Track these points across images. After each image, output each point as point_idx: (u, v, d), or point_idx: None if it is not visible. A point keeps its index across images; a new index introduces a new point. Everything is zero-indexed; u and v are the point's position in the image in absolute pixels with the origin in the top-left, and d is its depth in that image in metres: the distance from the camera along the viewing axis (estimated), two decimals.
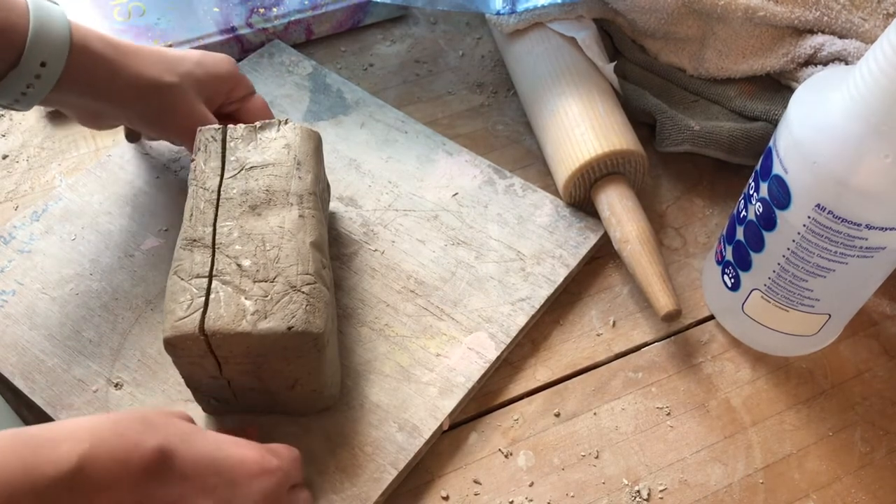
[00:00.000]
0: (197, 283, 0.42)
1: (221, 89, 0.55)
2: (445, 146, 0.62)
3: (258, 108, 0.57)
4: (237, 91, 0.56)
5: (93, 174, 0.59)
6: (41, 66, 0.46)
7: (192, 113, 0.52)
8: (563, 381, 0.52)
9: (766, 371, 0.53)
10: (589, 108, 0.58)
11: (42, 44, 0.46)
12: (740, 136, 0.60)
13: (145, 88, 0.50)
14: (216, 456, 0.37)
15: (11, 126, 0.64)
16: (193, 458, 0.36)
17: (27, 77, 0.46)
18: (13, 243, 0.55)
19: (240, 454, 0.38)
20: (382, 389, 0.49)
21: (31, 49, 0.45)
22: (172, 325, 0.41)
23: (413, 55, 0.71)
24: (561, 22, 0.63)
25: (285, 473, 0.40)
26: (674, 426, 0.51)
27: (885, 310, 0.57)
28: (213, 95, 0.54)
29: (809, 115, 0.43)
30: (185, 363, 0.43)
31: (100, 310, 0.52)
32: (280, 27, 0.69)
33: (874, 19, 0.61)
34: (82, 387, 0.49)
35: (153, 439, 0.35)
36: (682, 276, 0.58)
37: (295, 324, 0.41)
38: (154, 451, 0.34)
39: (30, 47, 0.45)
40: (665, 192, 0.63)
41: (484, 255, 0.56)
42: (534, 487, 0.48)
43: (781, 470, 0.49)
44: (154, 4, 0.69)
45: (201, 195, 0.46)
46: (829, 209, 0.43)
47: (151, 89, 0.51)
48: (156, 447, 0.34)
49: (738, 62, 0.62)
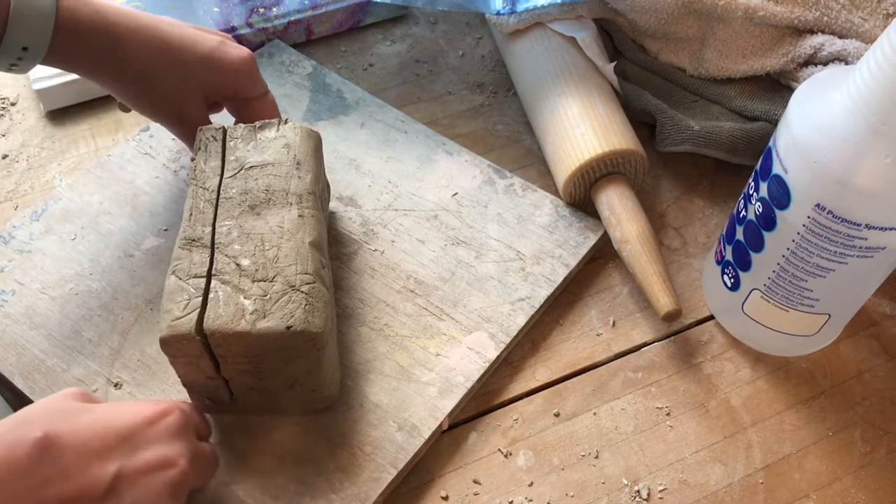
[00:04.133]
0: (195, 283, 0.42)
1: (227, 82, 0.52)
2: (445, 146, 0.62)
3: (264, 110, 0.54)
4: (248, 89, 0.53)
5: (92, 174, 0.59)
6: (23, 50, 0.46)
7: (180, 109, 0.51)
8: (562, 380, 0.52)
9: (766, 371, 0.53)
10: (589, 108, 0.58)
11: (24, 27, 0.45)
12: (740, 136, 0.59)
13: (132, 76, 0.50)
14: (107, 421, 0.38)
15: (11, 126, 0.64)
16: (83, 432, 0.37)
17: (10, 57, 0.46)
18: (13, 243, 0.55)
19: (132, 410, 0.39)
20: (382, 389, 0.49)
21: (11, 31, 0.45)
22: (169, 325, 0.41)
23: (413, 55, 0.71)
24: (561, 22, 0.63)
25: (182, 412, 0.41)
26: (674, 426, 0.50)
27: (885, 310, 0.57)
28: (216, 89, 0.53)
29: (809, 114, 0.43)
30: (181, 363, 0.43)
31: (99, 309, 0.52)
32: (280, 27, 0.69)
33: (874, 19, 0.61)
34: (82, 387, 0.49)
35: (32, 431, 0.35)
36: (682, 276, 0.58)
37: (294, 323, 0.41)
38: (35, 442, 0.35)
39: (10, 30, 0.45)
40: (665, 192, 0.63)
41: (484, 254, 0.56)
42: (533, 487, 0.48)
43: (781, 470, 0.49)
44: (154, 4, 0.69)
45: (201, 195, 0.46)
46: (829, 209, 0.43)
47: (136, 77, 0.50)
48: (37, 437, 0.35)
49: (738, 62, 0.62)
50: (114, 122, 0.65)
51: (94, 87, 0.65)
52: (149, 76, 0.50)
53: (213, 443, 0.47)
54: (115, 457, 0.37)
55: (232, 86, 0.53)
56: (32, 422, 0.36)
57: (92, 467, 0.36)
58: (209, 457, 0.43)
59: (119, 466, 0.36)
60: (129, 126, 0.65)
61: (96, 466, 0.36)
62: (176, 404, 0.41)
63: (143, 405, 0.40)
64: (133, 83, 0.50)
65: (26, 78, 0.67)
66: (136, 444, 0.38)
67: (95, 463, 0.36)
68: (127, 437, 0.38)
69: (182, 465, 0.38)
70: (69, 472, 0.35)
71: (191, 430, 0.41)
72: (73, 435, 0.36)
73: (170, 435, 0.39)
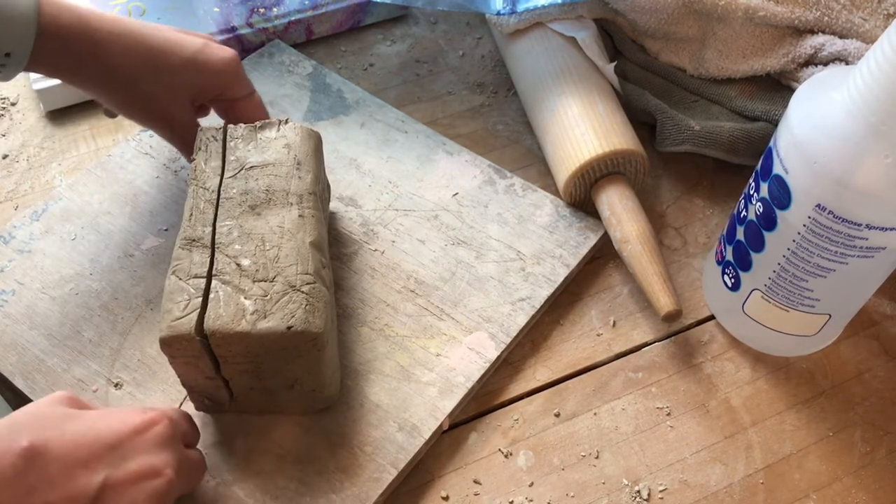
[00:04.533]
0: (195, 284, 0.42)
1: (213, 84, 0.52)
2: (445, 146, 0.62)
3: (249, 110, 0.54)
4: (233, 90, 0.53)
5: (93, 174, 0.59)
6: (6, 56, 0.46)
7: (167, 112, 0.51)
8: (563, 381, 0.52)
9: (767, 371, 0.53)
10: (589, 108, 0.58)
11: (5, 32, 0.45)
12: (741, 136, 0.59)
13: (116, 82, 0.49)
14: (95, 429, 0.38)
15: (11, 126, 0.64)
16: (69, 441, 0.37)
17: None
18: (13, 243, 0.55)
19: (120, 418, 0.39)
20: (382, 389, 0.49)
21: None
22: (169, 325, 0.41)
23: (413, 55, 0.71)
24: (561, 22, 0.63)
25: (171, 420, 0.41)
26: (674, 426, 0.50)
27: (885, 310, 0.57)
28: (203, 91, 0.52)
29: (810, 115, 0.43)
30: (180, 363, 0.43)
31: (100, 309, 0.52)
32: (280, 27, 0.69)
33: (874, 19, 0.61)
34: (82, 386, 0.49)
35: (19, 440, 0.35)
36: (682, 276, 0.58)
37: (294, 323, 0.41)
38: (22, 451, 0.35)
39: None
40: (665, 192, 0.63)
41: (484, 254, 0.56)
42: (534, 487, 0.48)
43: (781, 470, 0.49)
44: (154, 4, 0.69)
45: (201, 195, 0.46)
46: (830, 209, 0.43)
47: (122, 83, 0.50)
48: (23, 447, 0.35)
49: (739, 62, 0.62)
50: (114, 122, 0.65)
51: None
52: (134, 81, 0.50)
53: (212, 443, 0.47)
54: (102, 466, 0.37)
55: (218, 86, 0.53)
56: (19, 430, 0.36)
57: (78, 477, 0.36)
58: (196, 464, 0.43)
59: (105, 476, 0.36)
60: (129, 126, 0.65)
61: (82, 476, 0.36)
62: (164, 412, 0.41)
63: (131, 413, 0.40)
64: (119, 88, 0.50)
65: (26, 78, 0.67)
66: (124, 454, 0.38)
67: (82, 472, 0.36)
68: (114, 445, 0.38)
69: (168, 475, 0.38)
70: (55, 481, 0.35)
71: (178, 438, 0.41)
72: (60, 444, 0.36)
73: (157, 444, 0.39)
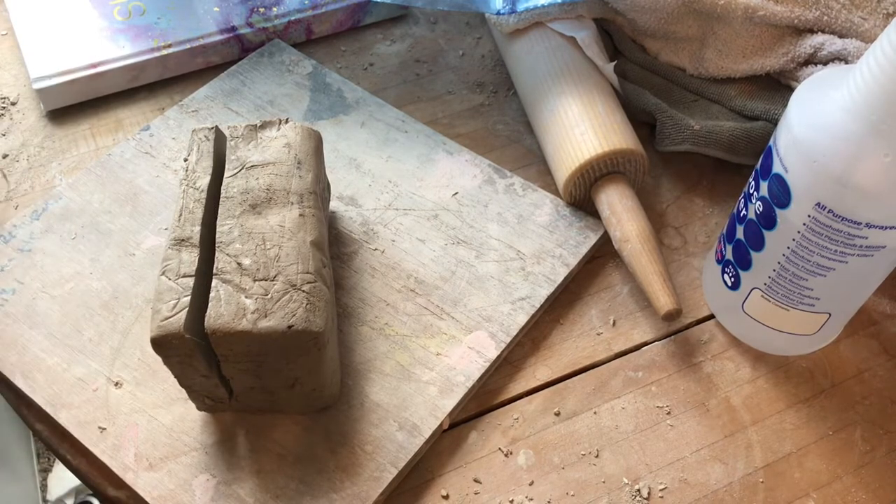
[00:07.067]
0: (183, 283, 0.42)
1: None
2: (445, 146, 0.62)
3: None
4: None
5: (93, 173, 0.59)
6: None
7: None
8: (563, 380, 0.52)
9: (766, 370, 0.53)
10: (589, 108, 0.58)
11: None
12: (740, 136, 0.60)
13: None
14: None
15: (11, 125, 0.64)
16: None
17: None
18: (13, 242, 0.55)
19: None
20: (382, 388, 0.49)
21: None
22: (158, 325, 0.41)
23: (413, 55, 0.72)
24: (561, 21, 0.63)
25: None
26: (674, 425, 0.51)
27: (885, 309, 0.57)
28: None
29: (809, 114, 0.43)
30: (174, 362, 0.43)
31: (100, 309, 0.52)
32: (280, 27, 0.69)
33: (874, 19, 0.61)
34: (82, 386, 0.49)
35: None
36: (682, 275, 0.58)
37: (295, 322, 0.41)
38: None
39: None
40: (665, 191, 0.63)
41: (484, 254, 0.56)
42: (534, 486, 0.48)
43: (781, 469, 0.49)
44: (154, 4, 0.69)
45: (191, 195, 0.46)
46: (829, 208, 0.43)
47: None
48: None
49: (738, 62, 0.62)
50: (114, 121, 0.65)
51: (94, 87, 0.65)
52: None
53: (212, 442, 0.47)
54: None
55: None
56: None
57: None
58: None
59: None
60: (129, 125, 0.65)
61: None
62: None
63: None
64: None
65: (26, 77, 0.67)
66: None
67: None
68: None
69: None
70: None
71: None
72: None
73: None
